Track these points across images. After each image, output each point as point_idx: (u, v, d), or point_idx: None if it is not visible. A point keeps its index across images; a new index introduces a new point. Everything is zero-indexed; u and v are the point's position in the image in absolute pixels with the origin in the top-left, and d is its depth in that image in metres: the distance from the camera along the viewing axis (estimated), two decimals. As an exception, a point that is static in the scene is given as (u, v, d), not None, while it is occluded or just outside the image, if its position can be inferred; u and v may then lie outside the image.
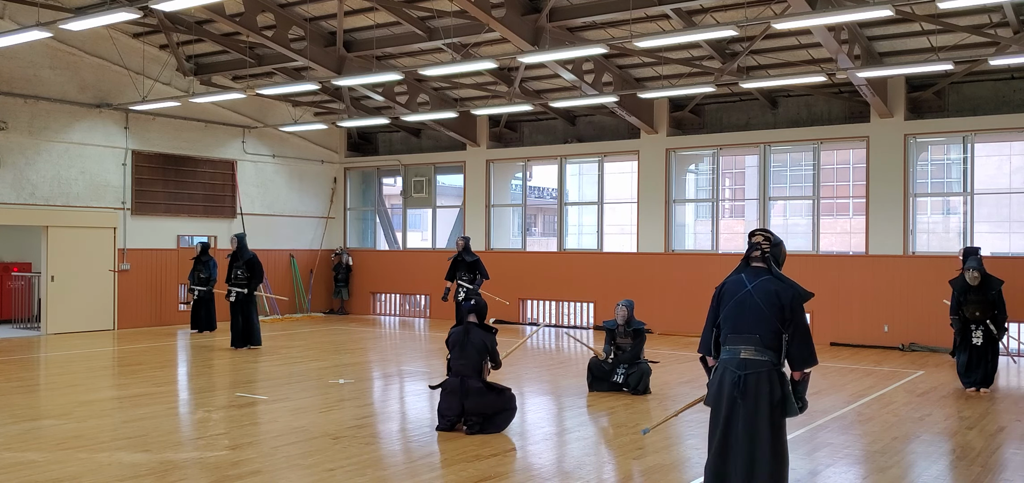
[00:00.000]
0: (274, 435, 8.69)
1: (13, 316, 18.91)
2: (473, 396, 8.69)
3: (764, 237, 5.93)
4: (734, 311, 5.75)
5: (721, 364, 5.83)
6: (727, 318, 5.79)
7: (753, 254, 5.95)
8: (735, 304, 5.76)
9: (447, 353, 9.10)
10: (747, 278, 5.85)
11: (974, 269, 11.41)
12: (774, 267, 5.89)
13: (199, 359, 14.49)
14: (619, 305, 11.23)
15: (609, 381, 11.10)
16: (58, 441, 8.33)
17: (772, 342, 5.66)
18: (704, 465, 5.97)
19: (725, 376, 5.73)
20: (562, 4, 14.50)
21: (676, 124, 18.95)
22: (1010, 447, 8.50)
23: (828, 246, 26.50)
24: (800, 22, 11.89)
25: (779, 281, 5.77)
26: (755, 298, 5.70)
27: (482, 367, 8.90)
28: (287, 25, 16.13)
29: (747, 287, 5.77)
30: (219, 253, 20.62)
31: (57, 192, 17.70)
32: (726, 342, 5.80)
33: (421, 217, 26.89)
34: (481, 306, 9.15)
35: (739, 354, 5.67)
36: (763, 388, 5.62)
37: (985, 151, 23.35)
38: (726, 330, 5.81)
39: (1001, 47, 13.81)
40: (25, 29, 13.35)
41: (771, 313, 5.65)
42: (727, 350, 5.77)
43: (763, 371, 5.64)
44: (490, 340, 8.95)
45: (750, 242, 5.98)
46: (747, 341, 5.66)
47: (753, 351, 5.65)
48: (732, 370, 5.67)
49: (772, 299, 5.67)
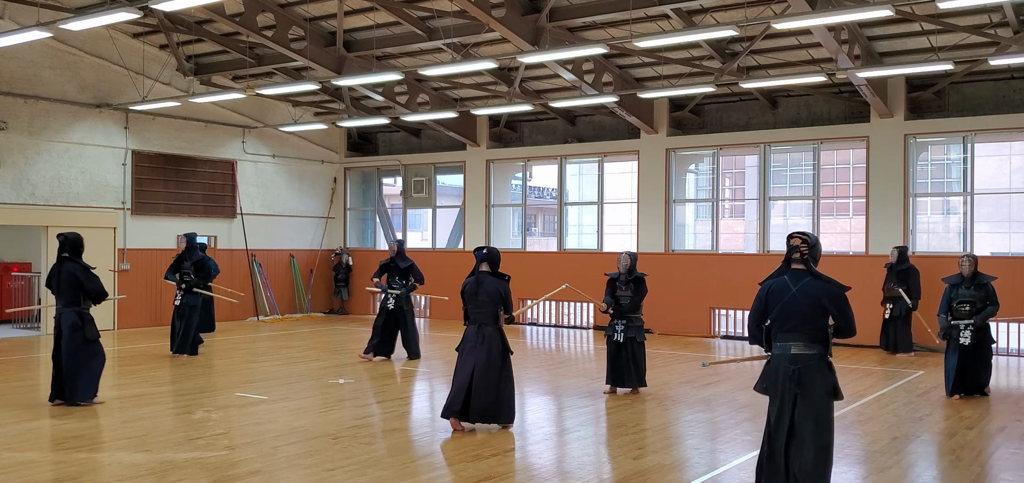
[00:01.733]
0: (274, 435, 8.69)
1: (13, 316, 18.90)
2: (477, 395, 8.75)
3: (802, 240, 6.42)
4: (782, 312, 6.33)
5: (775, 358, 6.41)
6: (776, 318, 6.38)
7: (793, 256, 6.42)
8: (782, 306, 6.34)
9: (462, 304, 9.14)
10: (791, 281, 6.37)
11: (967, 259, 11.23)
12: (813, 267, 6.40)
13: (199, 359, 14.48)
14: (622, 253, 11.19)
15: (610, 341, 11.07)
16: (58, 441, 8.34)
17: (819, 336, 6.26)
18: (759, 450, 6.55)
19: (780, 368, 6.33)
20: (562, 4, 14.50)
21: (676, 124, 18.95)
22: (1010, 447, 8.50)
23: (828, 246, 26.25)
24: (800, 22, 11.90)
25: (819, 280, 6.31)
26: (800, 300, 6.27)
27: (497, 315, 8.95)
28: (287, 25, 16.13)
29: (792, 290, 6.32)
30: (219, 252, 20.66)
31: (57, 192, 17.70)
32: (777, 338, 6.39)
33: (421, 217, 26.89)
34: (494, 254, 9.12)
35: (790, 349, 6.27)
36: (815, 378, 6.21)
37: (985, 151, 23.34)
38: (776, 328, 6.40)
39: (1001, 47, 13.81)
40: (25, 29, 13.35)
41: (815, 312, 6.24)
42: (779, 345, 6.36)
43: (813, 363, 6.23)
44: (503, 287, 8.97)
45: (789, 245, 6.45)
46: (797, 338, 6.25)
47: (803, 346, 6.25)
48: (786, 364, 6.27)
49: (815, 301, 6.25)
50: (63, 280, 10.04)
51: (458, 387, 8.89)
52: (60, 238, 10.18)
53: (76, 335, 9.97)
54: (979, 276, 11.20)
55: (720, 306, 18.34)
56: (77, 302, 10.06)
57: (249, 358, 14.65)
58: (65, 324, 10.00)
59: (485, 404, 8.83)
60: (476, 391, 8.79)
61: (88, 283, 10.07)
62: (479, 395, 8.79)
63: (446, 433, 8.97)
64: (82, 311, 10.09)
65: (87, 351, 10.04)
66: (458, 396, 8.86)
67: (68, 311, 10.02)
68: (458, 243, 22.51)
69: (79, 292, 10.05)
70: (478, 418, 8.87)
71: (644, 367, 11.13)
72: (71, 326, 9.98)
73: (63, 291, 10.05)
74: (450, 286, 21.40)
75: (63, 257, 10.07)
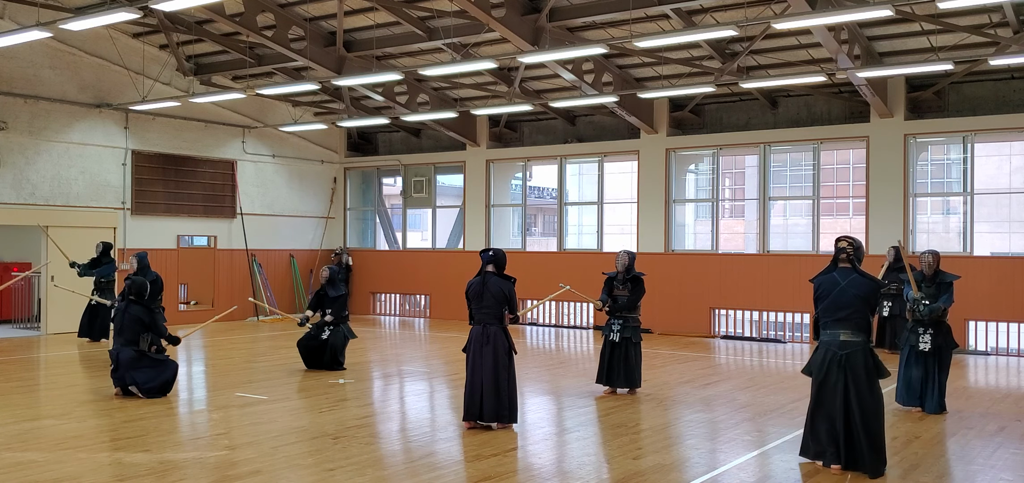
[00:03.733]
0: (274, 435, 8.69)
1: (13, 316, 18.91)
2: (488, 396, 8.82)
3: (849, 242, 7.43)
4: (832, 304, 7.28)
5: (823, 344, 7.37)
6: (826, 309, 7.32)
7: (840, 256, 7.40)
8: (831, 299, 7.29)
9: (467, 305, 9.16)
10: (839, 277, 7.34)
11: (929, 254, 10.28)
12: (857, 265, 7.38)
13: (198, 359, 14.48)
14: (621, 252, 11.17)
15: (606, 340, 11.04)
16: (58, 441, 8.33)
17: (863, 325, 7.25)
18: (805, 424, 7.59)
19: (829, 352, 7.31)
20: (562, 4, 14.50)
21: (676, 124, 18.95)
22: (1010, 447, 8.50)
23: (828, 246, 26.40)
24: (800, 22, 11.90)
25: (863, 277, 7.31)
26: (848, 293, 7.23)
27: (502, 315, 8.98)
28: (287, 25, 16.13)
29: (840, 284, 7.28)
30: (219, 252, 20.66)
31: (57, 192, 17.70)
32: (826, 327, 7.35)
33: (421, 217, 26.89)
34: (500, 256, 9.13)
35: (839, 337, 7.25)
36: (860, 361, 7.24)
37: (985, 151, 23.33)
38: (826, 318, 7.35)
39: (1001, 47, 13.81)
40: (25, 29, 13.35)
41: (861, 304, 7.21)
42: (828, 333, 7.33)
43: (858, 348, 7.26)
44: (508, 288, 8.99)
45: (837, 246, 7.45)
46: (845, 326, 7.24)
47: (850, 334, 7.24)
48: (835, 349, 7.27)
49: (861, 295, 7.23)
50: (127, 321, 10.58)
51: (473, 390, 8.94)
52: (127, 282, 10.81)
53: (144, 360, 10.54)
54: (941, 274, 10.21)
55: (720, 306, 18.34)
56: (136, 342, 10.56)
57: (249, 358, 14.64)
58: (123, 357, 10.49)
59: (497, 404, 8.88)
60: (487, 392, 8.84)
61: (154, 328, 10.70)
62: (490, 395, 8.84)
63: (446, 433, 8.97)
64: (141, 352, 10.58)
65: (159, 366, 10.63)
66: (475, 399, 8.92)
67: (126, 350, 10.52)
68: (458, 243, 22.52)
69: (140, 334, 10.59)
70: (492, 418, 8.91)
71: (638, 368, 11.09)
72: (131, 359, 10.49)
73: (125, 330, 10.57)
74: (450, 286, 21.48)
75: (129, 299, 10.64)
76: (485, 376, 8.86)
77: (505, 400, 8.92)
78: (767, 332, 17.92)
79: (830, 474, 7.31)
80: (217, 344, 16.24)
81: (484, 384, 8.86)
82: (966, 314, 15.47)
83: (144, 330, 10.58)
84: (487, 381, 8.85)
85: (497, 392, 8.87)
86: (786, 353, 15.73)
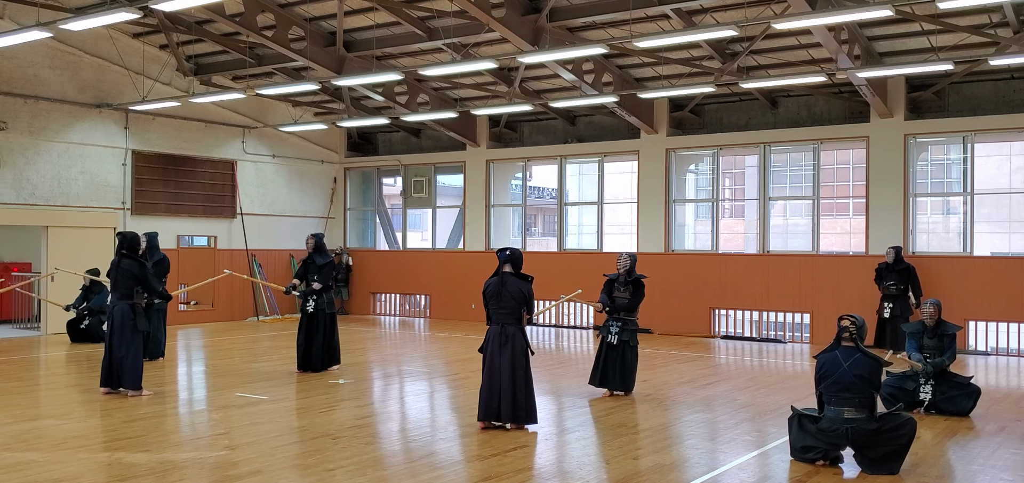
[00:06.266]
0: (274, 435, 8.69)
1: (13, 316, 18.91)
2: (506, 397, 8.81)
3: (851, 321, 7.70)
4: (835, 383, 7.56)
5: (827, 420, 7.59)
6: (828, 389, 7.61)
7: (843, 335, 7.67)
8: (834, 379, 7.56)
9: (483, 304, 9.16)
10: (842, 356, 7.62)
11: (931, 306, 10.35)
12: (861, 344, 7.65)
13: (198, 359, 14.48)
14: (622, 254, 11.14)
15: (603, 341, 11.00)
16: (58, 441, 8.33)
17: (867, 403, 7.51)
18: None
19: (834, 426, 7.54)
20: (562, 4, 14.50)
21: (676, 124, 18.95)
22: (1010, 447, 8.50)
23: (828, 246, 26.49)
24: (800, 22, 11.89)
25: (866, 356, 7.56)
26: (850, 373, 7.50)
27: (520, 315, 8.99)
28: (287, 25, 16.13)
29: (843, 365, 7.56)
30: (219, 252, 20.66)
31: (57, 192, 17.70)
32: (830, 403, 7.60)
33: (421, 217, 26.90)
34: (517, 255, 9.13)
35: (843, 414, 7.50)
36: (865, 428, 7.46)
37: (985, 151, 23.36)
38: (830, 395, 7.60)
39: (1001, 47, 13.81)
40: (25, 29, 13.35)
41: (863, 385, 7.49)
42: (833, 409, 7.57)
43: (863, 421, 7.47)
44: (527, 288, 9.01)
45: (839, 325, 7.73)
46: (848, 404, 7.51)
47: (854, 411, 7.49)
48: (840, 424, 7.51)
49: (863, 374, 7.49)
50: (121, 275, 10.74)
51: (491, 390, 8.92)
52: (118, 236, 11.04)
53: (127, 325, 10.61)
54: (943, 325, 10.15)
55: (720, 306, 18.34)
56: (131, 296, 10.71)
57: (249, 358, 14.64)
58: (117, 315, 10.66)
59: (515, 405, 8.87)
60: (505, 392, 8.83)
61: (145, 282, 10.81)
62: (508, 396, 8.84)
63: (446, 433, 8.97)
64: (134, 304, 10.73)
65: (135, 342, 10.67)
66: (493, 400, 8.90)
67: (121, 303, 10.68)
68: (458, 244, 22.51)
69: (134, 287, 10.73)
70: (509, 419, 8.90)
71: (634, 372, 11.04)
72: (122, 315, 10.62)
73: (119, 284, 10.73)
74: (450, 286, 21.50)
75: (122, 254, 10.78)
76: (503, 377, 8.85)
77: (522, 401, 8.92)
78: (767, 332, 17.93)
79: (829, 474, 7.31)
80: (217, 344, 16.24)
81: (502, 385, 8.85)
82: (966, 314, 15.48)
83: (136, 283, 10.72)
84: (505, 382, 8.84)
85: (514, 393, 8.86)
86: (786, 353, 15.73)
